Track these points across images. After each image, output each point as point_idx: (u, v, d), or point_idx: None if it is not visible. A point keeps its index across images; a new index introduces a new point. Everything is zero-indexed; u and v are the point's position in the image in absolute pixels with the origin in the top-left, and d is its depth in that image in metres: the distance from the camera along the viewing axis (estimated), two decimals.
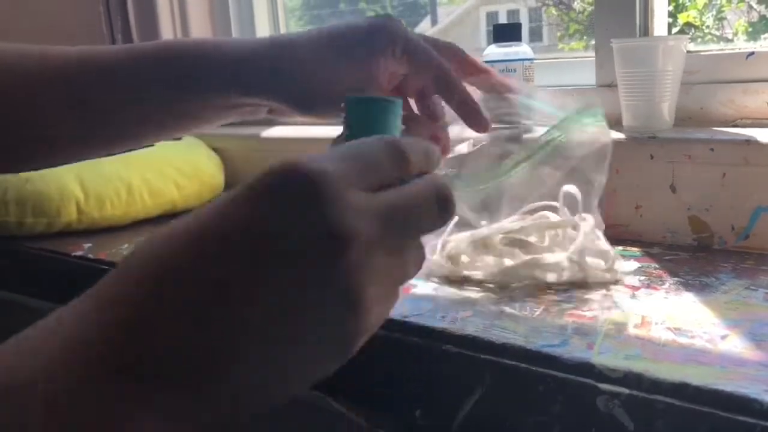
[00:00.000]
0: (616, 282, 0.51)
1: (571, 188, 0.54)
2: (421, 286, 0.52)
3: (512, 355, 0.41)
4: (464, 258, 0.54)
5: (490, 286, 0.51)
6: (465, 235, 0.55)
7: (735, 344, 0.39)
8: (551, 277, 0.51)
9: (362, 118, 0.33)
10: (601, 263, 0.52)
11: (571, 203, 0.55)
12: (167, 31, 1.06)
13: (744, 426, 0.33)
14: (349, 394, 0.49)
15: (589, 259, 0.51)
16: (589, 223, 0.53)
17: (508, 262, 0.53)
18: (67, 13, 1.10)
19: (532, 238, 0.54)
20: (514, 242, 0.54)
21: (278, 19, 1.08)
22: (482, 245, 0.55)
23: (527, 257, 0.52)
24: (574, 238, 0.53)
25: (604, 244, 0.53)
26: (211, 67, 0.45)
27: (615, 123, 0.66)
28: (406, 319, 0.46)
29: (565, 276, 0.51)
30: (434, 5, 1.07)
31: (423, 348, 0.44)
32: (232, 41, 0.47)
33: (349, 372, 0.48)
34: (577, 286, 0.50)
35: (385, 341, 0.46)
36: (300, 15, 1.16)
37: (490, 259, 0.54)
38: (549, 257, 0.52)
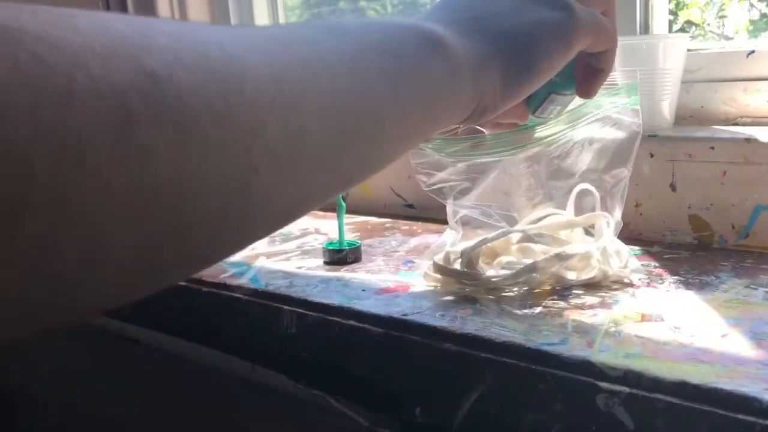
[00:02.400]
0: (631, 282, 0.50)
1: (586, 187, 0.53)
2: (420, 284, 0.52)
3: (512, 354, 0.41)
4: (481, 263, 0.52)
5: (513, 291, 0.49)
6: (474, 242, 0.52)
7: (735, 343, 0.39)
8: (573, 277, 0.50)
9: None
10: (617, 261, 0.51)
11: (579, 207, 0.54)
12: None
13: (744, 425, 0.33)
14: (349, 393, 0.49)
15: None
16: (612, 219, 0.52)
17: (527, 261, 0.50)
18: None
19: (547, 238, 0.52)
20: (530, 240, 0.52)
21: (278, 17, 1.08)
22: (494, 251, 0.53)
23: (553, 250, 0.50)
24: (591, 240, 0.51)
25: (618, 242, 0.52)
26: None
27: None
28: (406, 317, 0.46)
29: (590, 274, 0.49)
30: (434, 3, 1.07)
31: (423, 346, 0.44)
32: None
33: (349, 370, 0.48)
34: (592, 286, 0.49)
35: (385, 340, 0.46)
36: (300, 13, 1.16)
37: (510, 259, 0.52)
38: (575, 248, 0.50)
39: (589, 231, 0.55)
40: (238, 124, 0.19)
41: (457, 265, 0.52)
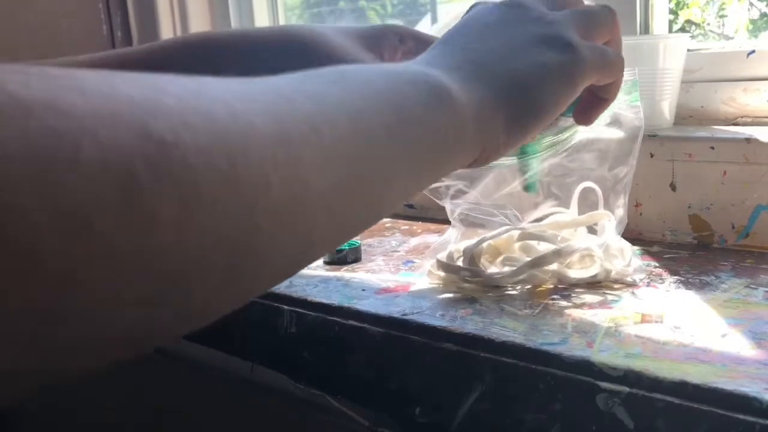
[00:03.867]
0: (634, 281, 0.50)
1: (589, 185, 0.53)
2: (420, 284, 0.52)
3: (512, 354, 0.41)
4: (484, 260, 0.52)
5: (515, 289, 0.49)
6: (475, 241, 0.53)
7: (735, 343, 0.39)
8: (575, 275, 0.49)
9: None
10: (621, 260, 0.51)
11: (584, 202, 0.54)
12: (167, 30, 1.06)
13: (743, 424, 0.33)
14: (349, 393, 0.49)
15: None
16: (614, 216, 0.52)
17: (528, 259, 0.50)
18: (67, 11, 1.10)
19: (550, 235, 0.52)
20: (532, 238, 0.52)
21: (278, 17, 1.08)
22: (497, 249, 0.53)
23: (554, 246, 0.50)
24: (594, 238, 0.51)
25: (622, 240, 0.52)
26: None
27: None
28: (406, 317, 0.46)
29: (591, 272, 0.49)
30: (434, 4, 1.07)
31: (422, 346, 0.44)
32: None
33: (349, 370, 0.48)
34: (593, 285, 0.49)
35: (385, 339, 0.46)
36: (300, 13, 1.16)
37: (512, 257, 0.52)
38: (576, 244, 0.50)
39: (593, 229, 0.55)
40: (241, 185, 0.19)
41: (460, 263, 0.52)
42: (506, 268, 0.50)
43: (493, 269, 0.51)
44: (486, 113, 0.31)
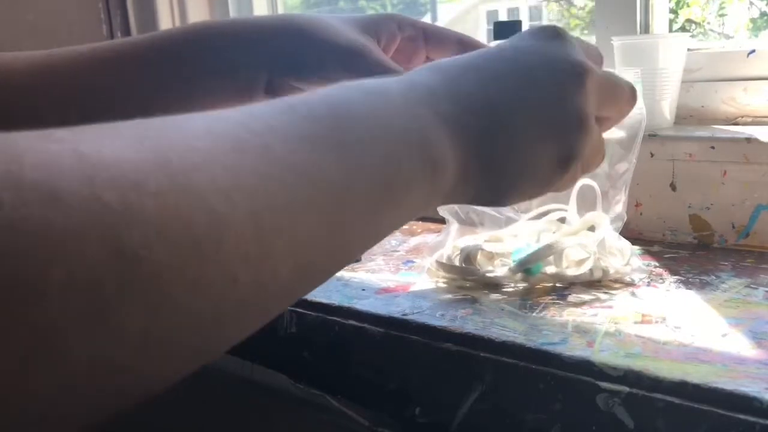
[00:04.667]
0: (633, 280, 0.50)
1: (588, 183, 0.53)
2: (420, 284, 0.52)
3: (512, 353, 0.41)
4: (481, 259, 0.52)
5: (512, 287, 0.50)
6: (472, 238, 0.53)
7: (735, 342, 0.39)
8: (571, 272, 0.49)
9: None
10: (620, 259, 0.51)
11: (583, 199, 0.54)
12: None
13: (744, 424, 0.33)
14: (349, 393, 0.49)
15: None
16: (610, 216, 0.52)
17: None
18: (67, 11, 1.10)
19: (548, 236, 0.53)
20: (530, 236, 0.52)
21: None
22: (494, 247, 0.53)
23: (548, 241, 0.50)
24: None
25: (622, 239, 0.52)
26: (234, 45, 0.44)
27: None
28: (406, 317, 0.46)
29: (587, 267, 0.49)
30: (434, 3, 1.07)
31: (422, 346, 0.44)
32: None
33: (349, 370, 0.48)
34: (593, 285, 0.49)
35: (385, 339, 0.46)
36: (299, 13, 1.16)
37: (507, 256, 0.52)
38: (569, 240, 0.50)
39: (593, 228, 0.55)
40: (209, 287, 0.18)
41: (457, 262, 0.52)
42: (502, 267, 0.51)
43: (489, 268, 0.51)
44: (466, 184, 0.30)
